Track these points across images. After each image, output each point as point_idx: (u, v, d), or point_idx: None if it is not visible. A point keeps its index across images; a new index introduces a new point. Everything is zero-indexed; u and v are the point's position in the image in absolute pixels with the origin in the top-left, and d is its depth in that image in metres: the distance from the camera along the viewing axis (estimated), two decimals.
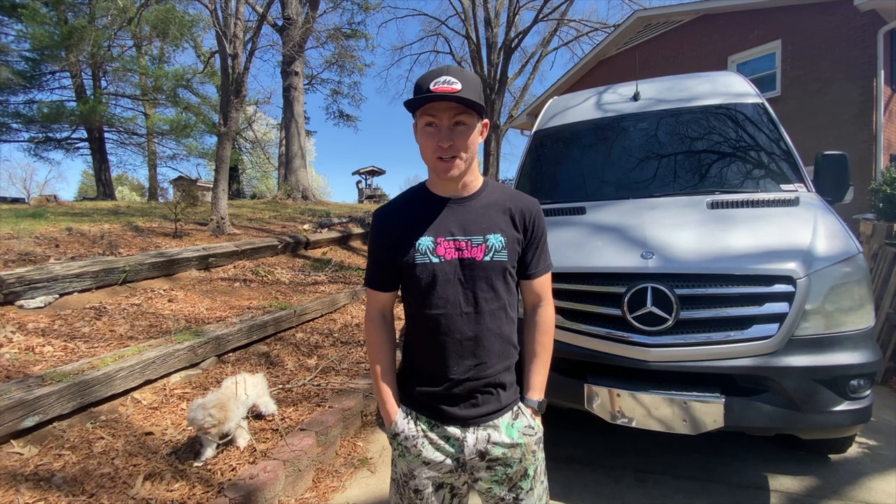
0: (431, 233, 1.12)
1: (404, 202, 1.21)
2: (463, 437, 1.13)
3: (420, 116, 1.08)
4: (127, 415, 2.57)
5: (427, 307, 1.12)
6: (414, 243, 1.12)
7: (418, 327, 1.16)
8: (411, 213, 1.16)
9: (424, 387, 1.16)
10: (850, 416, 1.92)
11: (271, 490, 2.14)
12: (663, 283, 2.02)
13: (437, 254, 1.11)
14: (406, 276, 1.14)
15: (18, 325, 3.08)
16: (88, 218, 6.16)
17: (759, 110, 3.11)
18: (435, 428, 1.15)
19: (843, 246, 2.07)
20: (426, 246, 1.11)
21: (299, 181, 13.40)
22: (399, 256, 1.13)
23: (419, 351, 1.18)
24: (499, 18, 18.81)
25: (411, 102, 1.06)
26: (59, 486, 2.02)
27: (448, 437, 1.14)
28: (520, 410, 1.20)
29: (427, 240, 1.11)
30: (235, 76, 6.52)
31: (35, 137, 15.65)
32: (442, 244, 1.11)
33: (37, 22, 12.87)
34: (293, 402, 2.99)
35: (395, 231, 1.15)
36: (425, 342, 1.15)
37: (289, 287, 5.15)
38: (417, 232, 1.13)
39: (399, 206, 1.21)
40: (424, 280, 1.11)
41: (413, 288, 1.14)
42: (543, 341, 1.23)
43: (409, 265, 1.12)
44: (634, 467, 2.52)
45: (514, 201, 1.18)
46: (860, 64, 8.23)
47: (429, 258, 1.11)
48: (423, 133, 1.09)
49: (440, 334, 1.11)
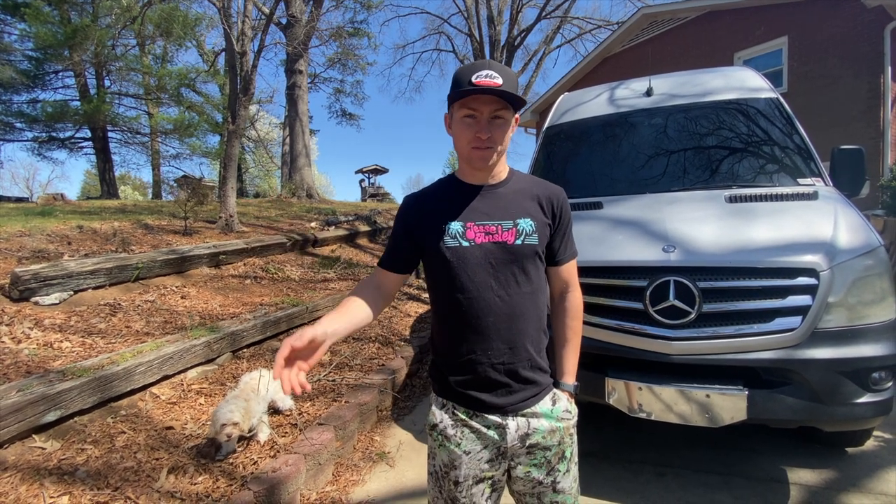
0: (461, 218, 1.13)
1: (435, 190, 1.22)
2: (504, 424, 1.12)
3: (459, 108, 1.09)
4: (147, 409, 2.59)
5: (457, 291, 1.11)
6: (443, 228, 1.12)
7: (448, 314, 1.14)
8: (441, 199, 1.18)
9: (458, 375, 1.14)
10: (872, 409, 1.92)
11: (293, 483, 2.15)
12: (686, 277, 2.02)
13: (466, 237, 1.11)
14: (435, 261, 1.14)
15: (35, 322, 3.09)
16: (97, 216, 6.17)
17: (774, 105, 3.10)
18: (475, 417, 1.14)
19: (865, 239, 2.07)
20: (455, 230, 1.12)
21: (304, 180, 13.40)
22: (427, 241, 1.14)
23: (451, 339, 1.15)
24: (501, 16, 18.80)
25: (455, 95, 1.07)
26: (82, 479, 2.03)
27: (489, 426, 1.13)
28: (556, 395, 1.21)
29: (457, 224, 1.12)
30: (244, 74, 6.53)
31: (38, 137, 15.67)
32: (472, 228, 1.12)
33: (40, 21, 12.88)
34: (310, 397, 3.00)
35: (423, 216, 1.16)
36: (457, 328, 1.13)
37: (299, 284, 5.17)
38: (447, 217, 1.13)
39: (429, 193, 1.22)
40: (455, 263, 1.11)
41: (443, 273, 1.13)
42: (574, 326, 1.26)
43: (438, 249, 1.12)
44: (654, 461, 2.53)
45: (542, 188, 1.21)
46: (867, 60, 8.19)
47: (458, 242, 1.11)
48: (462, 124, 1.10)
49: (473, 318, 1.11)
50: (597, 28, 18.36)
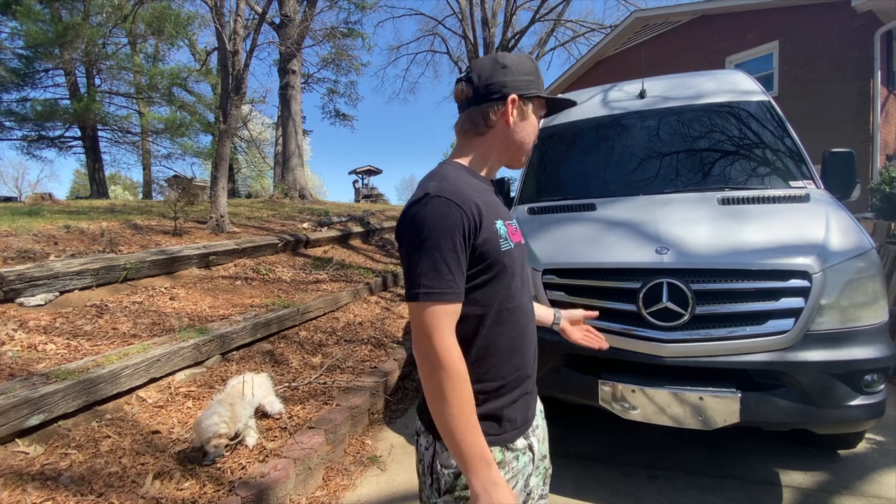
0: (501, 217, 1.01)
1: (469, 183, 1.00)
2: (530, 444, 1.02)
3: (541, 107, 1.08)
4: (133, 413, 2.54)
5: (509, 300, 0.98)
6: (494, 227, 0.96)
7: (496, 331, 0.97)
8: (480, 195, 0.98)
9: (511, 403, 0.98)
10: (864, 411, 1.92)
11: (282, 488, 2.12)
12: (679, 279, 2.01)
13: (510, 239, 1.00)
14: (487, 268, 0.95)
15: (20, 323, 3.03)
16: (86, 216, 6.08)
17: (766, 108, 3.11)
18: (506, 451, 0.97)
19: (857, 241, 2.08)
20: (504, 231, 0.98)
21: (296, 180, 13.33)
22: (483, 245, 0.93)
23: (501, 362, 0.98)
24: (496, 18, 18.84)
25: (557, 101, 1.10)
26: (66, 485, 1.98)
27: (519, 453, 0.98)
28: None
29: (500, 223, 0.99)
30: (235, 73, 6.47)
31: (28, 136, 15.43)
32: (509, 228, 1.02)
33: (31, 19, 12.71)
34: (300, 400, 2.96)
35: (477, 213, 0.93)
36: (505, 344, 0.98)
37: (290, 285, 5.11)
38: (493, 216, 0.98)
39: (469, 188, 0.97)
40: (510, 270, 0.98)
41: (497, 282, 0.96)
42: None
43: (493, 254, 0.94)
44: (646, 464, 2.52)
45: None
46: (857, 64, 8.30)
47: (509, 244, 0.98)
48: (536, 123, 1.08)
49: (520, 326, 1.01)
50: (590, 31, 18.44)
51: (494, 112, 1.02)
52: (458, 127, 1.08)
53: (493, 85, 1.01)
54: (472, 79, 1.03)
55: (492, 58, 1.04)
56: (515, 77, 1.02)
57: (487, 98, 1.02)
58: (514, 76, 1.02)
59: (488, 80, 1.02)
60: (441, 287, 0.87)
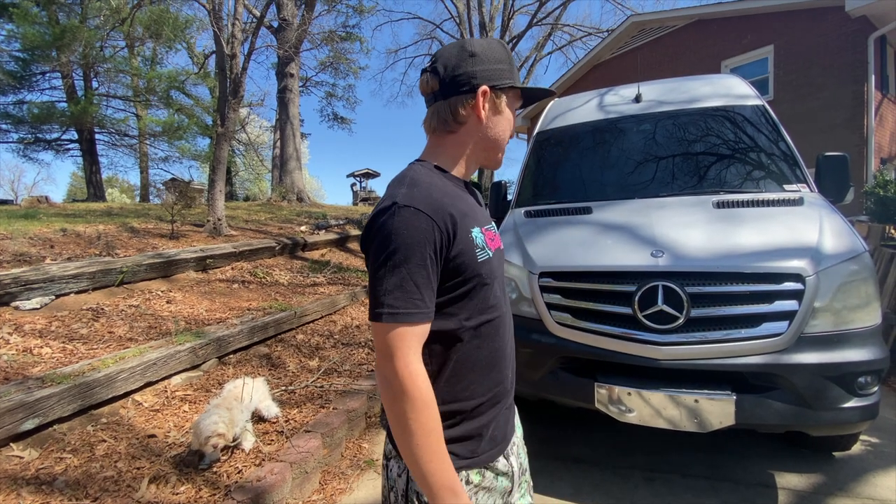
0: (478, 224, 0.91)
1: (443, 188, 0.88)
2: (509, 465, 0.95)
3: (517, 98, 0.97)
4: (128, 417, 2.53)
5: (487, 312, 0.90)
6: (471, 237, 0.87)
7: (473, 344, 0.89)
8: (454, 201, 0.88)
9: (488, 419, 0.91)
10: (858, 413, 1.93)
11: (279, 492, 2.11)
12: (674, 282, 2.02)
13: (488, 247, 0.90)
14: (463, 281, 0.86)
15: (15, 327, 3.02)
16: (82, 219, 6.07)
17: (760, 112, 3.14)
18: (486, 472, 0.90)
19: (850, 244, 2.09)
20: (481, 239, 0.89)
21: (294, 183, 13.33)
22: (458, 257, 0.84)
23: (479, 376, 0.90)
24: (493, 23, 18.95)
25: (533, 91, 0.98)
26: (61, 489, 1.97)
27: (498, 474, 0.93)
28: None
29: (477, 231, 0.89)
30: (233, 77, 6.48)
31: (24, 138, 15.42)
32: (487, 234, 0.92)
33: (28, 22, 12.71)
34: (297, 403, 2.96)
35: (452, 229, 0.84)
36: (484, 358, 0.90)
37: (287, 288, 5.11)
38: (469, 224, 0.88)
39: (443, 194, 0.86)
40: (487, 280, 0.89)
41: (473, 295, 0.88)
42: None
43: (470, 266, 0.86)
44: (643, 466, 2.52)
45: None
46: (851, 69, 8.37)
47: (487, 253, 0.89)
48: (511, 116, 0.97)
49: (499, 339, 0.93)
50: (587, 35, 18.58)
51: (464, 106, 0.90)
52: (427, 124, 0.97)
53: (460, 76, 0.89)
54: (438, 69, 0.91)
55: (458, 45, 0.92)
56: (486, 66, 0.90)
57: (455, 91, 0.90)
58: (485, 65, 0.90)
59: (455, 71, 0.90)
60: (407, 307, 0.78)
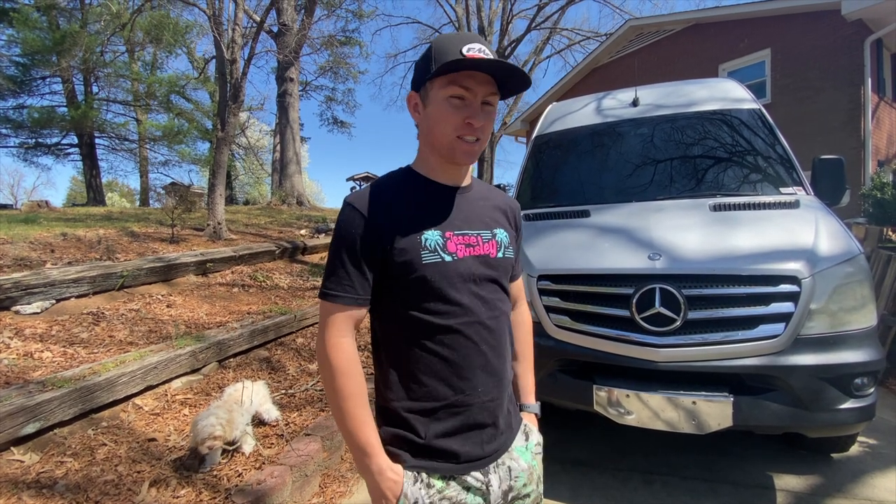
0: (438, 227, 0.92)
1: (395, 189, 0.95)
2: (487, 482, 0.93)
3: (444, 86, 0.89)
4: (129, 421, 2.54)
5: (440, 317, 0.90)
6: (418, 239, 0.89)
7: (426, 348, 0.91)
8: (408, 202, 0.93)
9: (439, 425, 0.91)
10: (855, 414, 1.95)
11: (279, 495, 2.12)
12: (671, 284, 2.04)
13: (447, 251, 0.91)
14: (408, 281, 0.90)
15: (16, 331, 3.03)
16: (83, 223, 6.09)
17: (757, 116, 3.16)
18: (452, 481, 0.91)
19: (846, 246, 2.11)
20: (434, 242, 0.90)
21: (294, 187, 13.36)
22: (397, 256, 0.89)
23: (429, 379, 0.91)
24: (492, 27, 19.03)
25: (446, 66, 0.85)
26: (61, 493, 1.98)
27: (469, 488, 0.92)
28: (527, 427, 1.07)
29: (434, 234, 0.91)
30: (234, 81, 6.52)
31: (25, 143, 15.45)
32: (452, 240, 0.92)
33: (28, 27, 12.77)
34: (297, 406, 2.97)
35: (387, 223, 0.89)
36: (439, 364, 0.91)
37: (287, 292, 5.12)
38: (419, 225, 0.91)
39: (389, 194, 0.94)
40: (436, 284, 0.89)
41: (418, 296, 0.90)
42: (530, 340, 1.20)
43: (413, 266, 0.89)
44: (641, 468, 2.53)
45: (504, 198, 1.10)
46: (848, 72, 8.41)
47: (440, 256, 0.90)
48: (446, 105, 0.89)
49: (461, 348, 0.91)
50: (586, 39, 18.66)
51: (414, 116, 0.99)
52: None
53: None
54: None
55: None
56: (417, 75, 0.96)
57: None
58: (416, 73, 0.97)
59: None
60: (336, 290, 0.90)
